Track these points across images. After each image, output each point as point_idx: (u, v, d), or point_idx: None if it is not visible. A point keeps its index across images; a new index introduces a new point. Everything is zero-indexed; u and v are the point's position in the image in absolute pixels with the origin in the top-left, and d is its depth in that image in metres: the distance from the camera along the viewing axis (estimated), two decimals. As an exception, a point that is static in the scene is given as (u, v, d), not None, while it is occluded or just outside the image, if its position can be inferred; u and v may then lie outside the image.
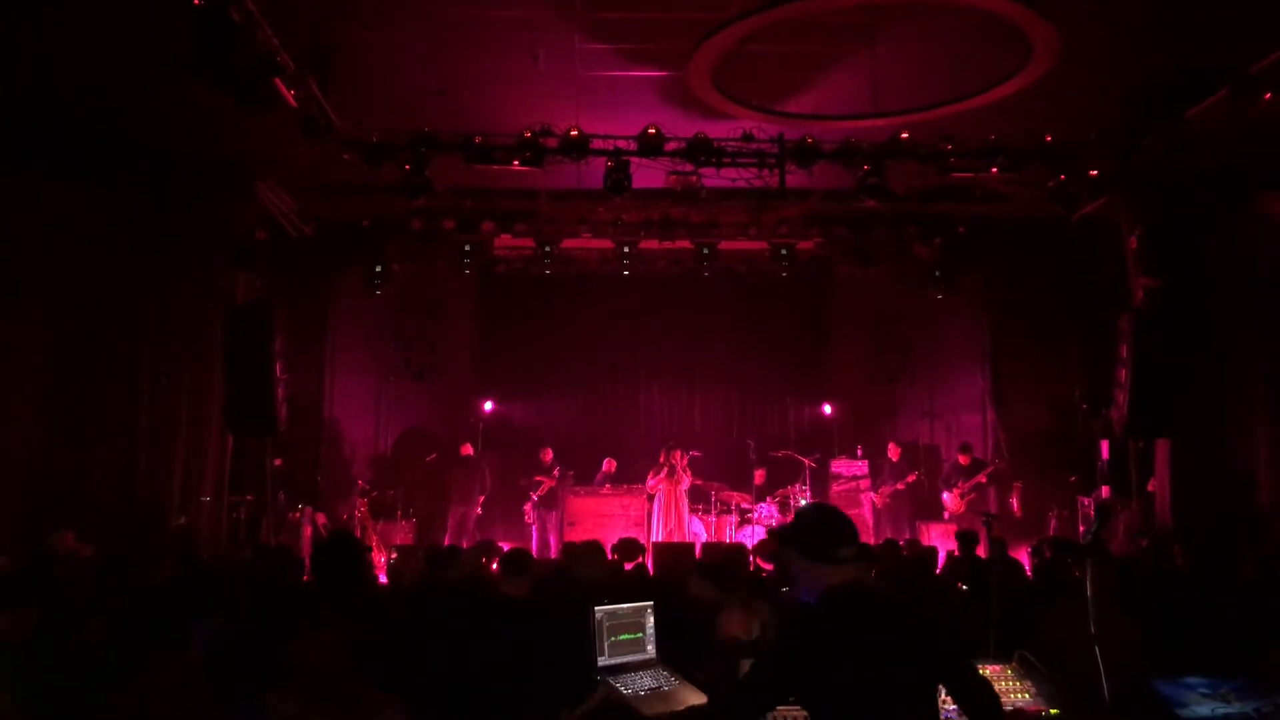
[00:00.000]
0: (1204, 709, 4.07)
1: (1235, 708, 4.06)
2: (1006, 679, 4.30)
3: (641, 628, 4.63)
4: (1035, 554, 8.90)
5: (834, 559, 3.07)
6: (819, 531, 3.14)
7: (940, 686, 3.14)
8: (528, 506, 13.32)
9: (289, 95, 7.73)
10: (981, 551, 7.98)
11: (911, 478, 13.25)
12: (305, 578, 7.03)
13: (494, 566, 7.97)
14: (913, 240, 12.78)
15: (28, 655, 4.07)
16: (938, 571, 8.32)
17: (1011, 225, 12.16)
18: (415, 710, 4.04)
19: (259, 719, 3.36)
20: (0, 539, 8.38)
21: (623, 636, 4.55)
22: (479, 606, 5.28)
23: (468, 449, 13.48)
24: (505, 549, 7.73)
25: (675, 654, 4.69)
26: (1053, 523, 11.91)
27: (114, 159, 9.70)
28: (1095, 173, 9.54)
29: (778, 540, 3.23)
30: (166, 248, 10.18)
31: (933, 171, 9.47)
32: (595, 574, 5.78)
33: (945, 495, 12.90)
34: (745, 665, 4.04)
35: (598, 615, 4.50)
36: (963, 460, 12.97)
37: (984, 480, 12.70)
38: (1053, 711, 4.11)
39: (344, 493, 13.07)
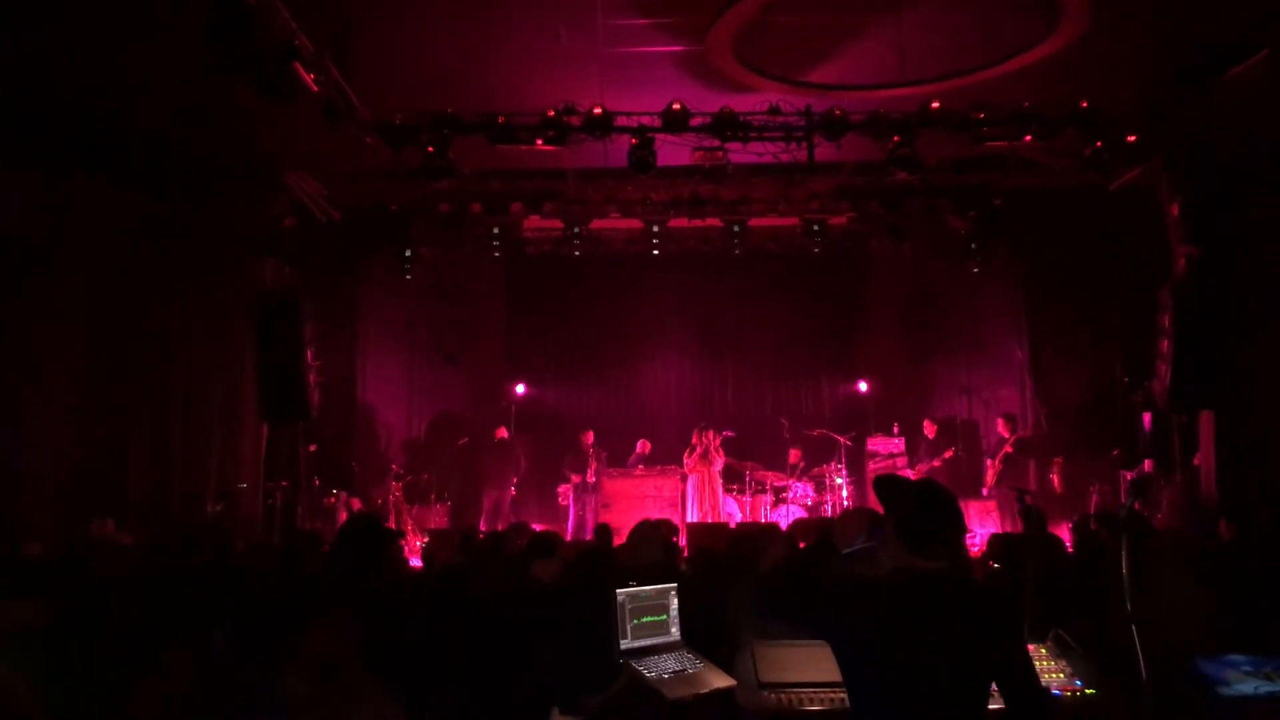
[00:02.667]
0: (1247, 686, 3.93)
1: (1279, 685, 3.91)
2: (1041, 658, 4.18)
3: (665, 610, 4.55)
4: (1076, 530, 8.70)
5: (923, 554, 3.00)
6: (922, 522, 3.04)
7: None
8: (565, 489, 13.29)
9: (309, 79, 7.69)
10: (1018, 528, 7.81)
11: (949, 454, 13.08)
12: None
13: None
14: (947, 213, 12.54)
15: (54, 643, 4.07)
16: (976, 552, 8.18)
17: (1048, 196, 11.87)
18: (434, 697, 4.00)
19: (273, 703, 3.32)
20: (37, 527, 8.46)
21: (646, 619, 4.47)
22: (511, 591, 5.23)
23: (502, 432, 13.49)
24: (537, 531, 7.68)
25: (698, 637, 4.61)
26: (1094, 498, 11.68)
27: (145, 154, 9.73)
28: (1132, 138, 9.25)
29: (884, 504, 3.16)
30: (197, 238, 10.23)
31: (965, 141, 9.26)
32: (651, 558, 5.66)
33: (988, 462, 12.76)
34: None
35: (619, 598, 4.42)
36: (1004, 431, 12.80)
37: (1010, 450, 12.51)
38: (1089, 691, 3.98)
39: (378, 477, 13.10)
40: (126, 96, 8.70)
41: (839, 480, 13.02)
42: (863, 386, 14.55)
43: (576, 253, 13.02)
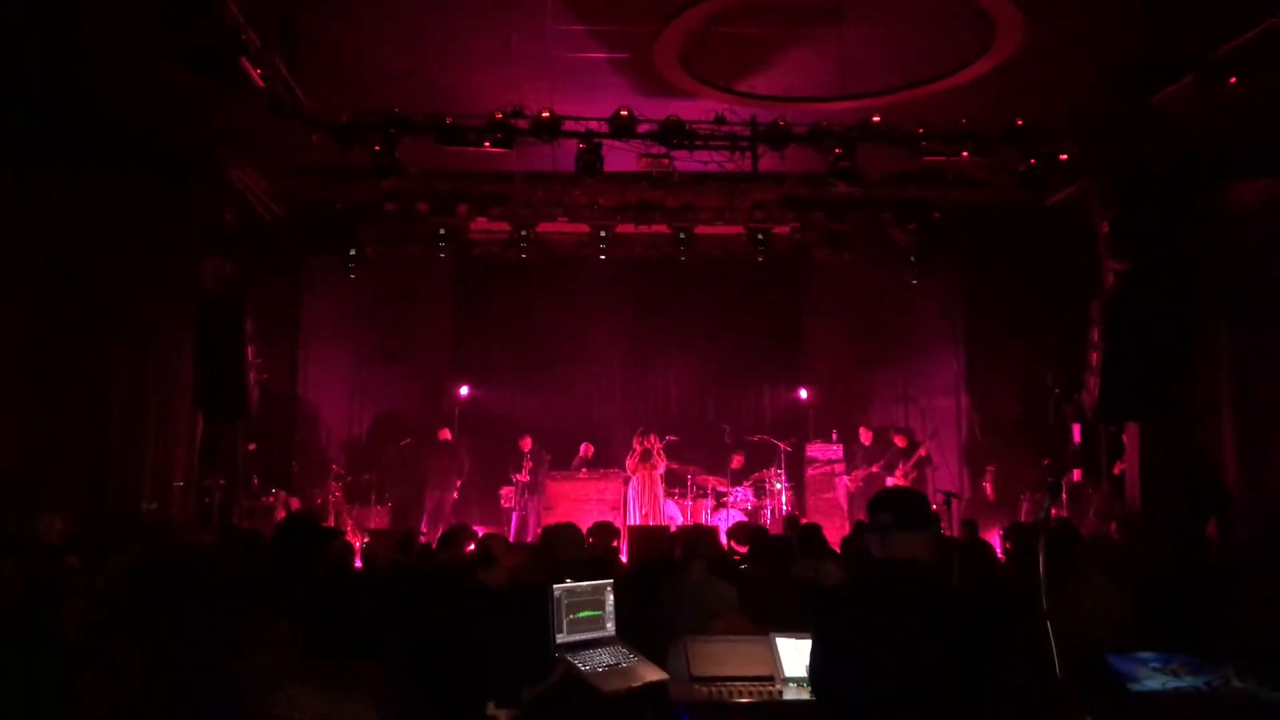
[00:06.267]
0: (1154, 683, 4.11)
1: (1186, 682, 4.10)
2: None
3: (601, 605, 4.64)
4: (1007, 536, 8.96)
5: (878, 525, 3.20)
6: (874, 503, 3.28)
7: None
8: (507, 491, 13.33)
9: (255, 74, 7.66)
10: (948, 532, 8.04)
11: (883, 462, 13.33)
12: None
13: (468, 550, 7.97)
14: (888, 225, 12.82)
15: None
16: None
17: (986, 211, 12.21)
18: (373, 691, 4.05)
19: (227, 693, 3.36)
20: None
21: (582, 614, 4.56)
22: (453, 593, 5.27)
23: (446, 433, 13.49)
24: (481, 534, 7.73)
25: (635, 631, 4.71)
26: (1024, 505, 11.99)
27: (82, 141, 9.56)
28: (1065, 156, 9.54)
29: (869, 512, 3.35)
30: (135, 229, 10.03)
31: (905, 155, 9.47)
32: (573, 554, 5.79)
33: (889, 480, 13.02)
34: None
35: (556, 593, 4.51)
36: (899, 442, 13.32)
37: (924, 454, 13.10)
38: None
39: (318, 477, 13.06)
40: (61, 78, 8.55)
41: (778, 485, 13.22)
42: (803, 394, 14.75)
43: (523, 255, 13.07)
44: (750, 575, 6.32)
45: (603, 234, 12.82)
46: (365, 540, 10.50)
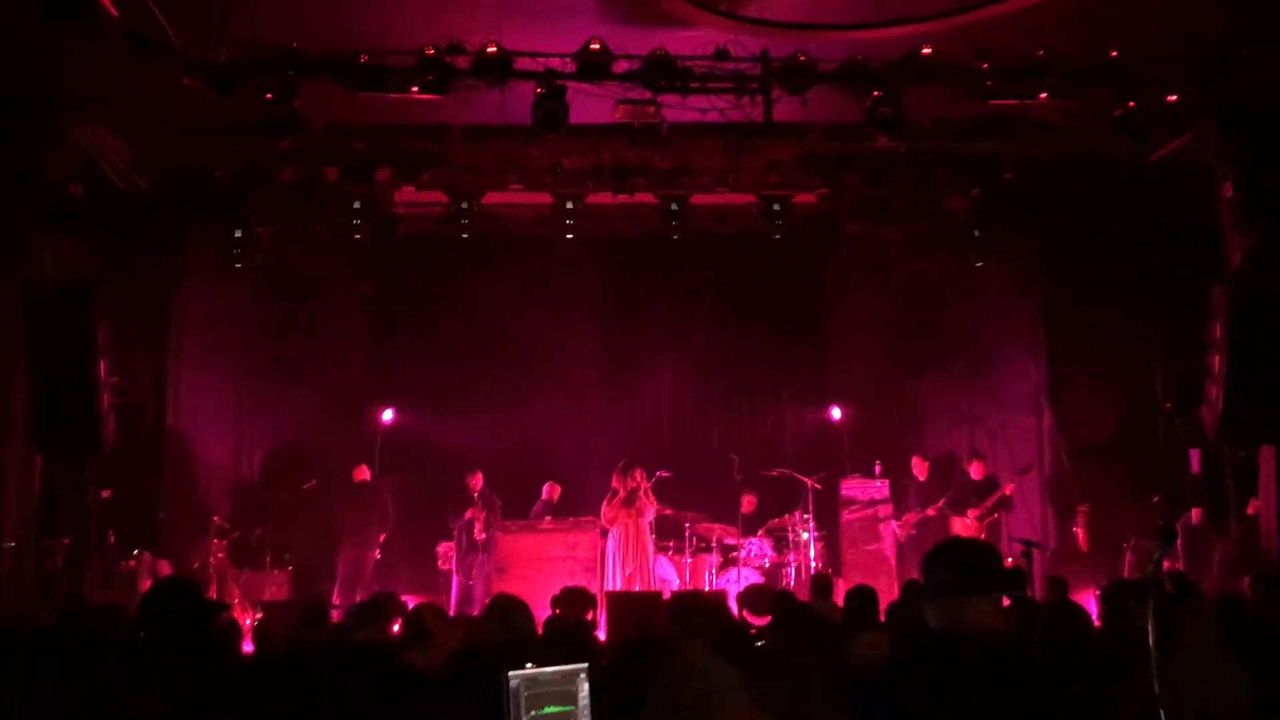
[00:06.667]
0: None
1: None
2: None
3: (573, 698, 4.61)
4: (1106, 598, 8.95)
5: (935, 588, 3.19)
6: (931, 559, 3.27)
7: None
8: (446, 548, 13.27)
9: (108, 1, 7.65)
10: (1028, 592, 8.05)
11: (943, 501, 13.31)
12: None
13: (396, 628, 7.95)
14: (943, 190, 12.85)
15: None
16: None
17: (1071, 170, 12.24)
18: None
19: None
20: None
21: (547, 710, 4.53)
22: (374, 680, 5.25)
23: (363, 472, 13.42)
24: (411, 605, 7.69)
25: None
26: (1128, 557, 12.00)
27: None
28: (1174, 97, 9.57)
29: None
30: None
31: (964, 98, 9.50)
32: (519, 634, 5.75)
33: (956, 521, 13.03)
34: None
35: (513, 682, 4.47)
36: (975, 474, 13.17)
37: (1008, 493, 12.98)
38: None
39: (195, 533, 12.97)
40: None
41: (805, 535, 13.19)
42: (835, 413, 14.72)
43: (465, 235, 13.04)
44: (771, 656, 6.28)
45: (569, 206, 12.81)
46: (258, 616, 10.44)
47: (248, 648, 9.32)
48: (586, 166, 12.33)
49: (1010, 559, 12.30)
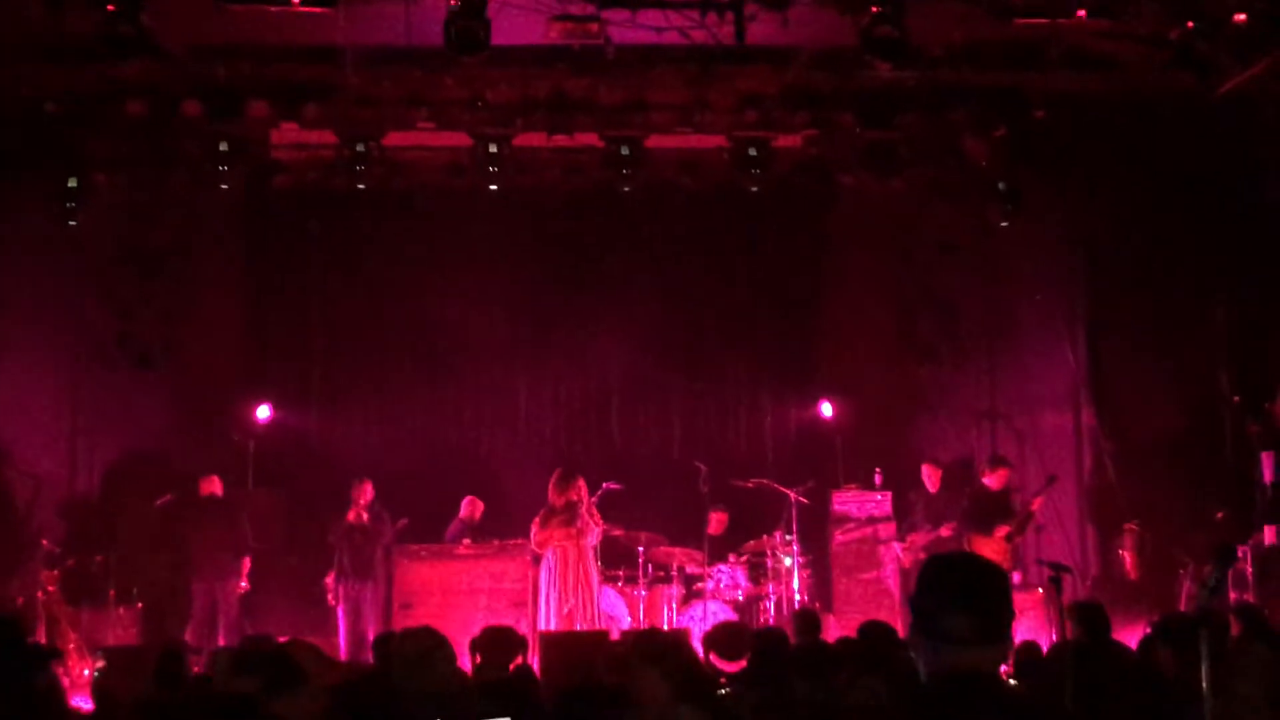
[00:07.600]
0: None
1: None
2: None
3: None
4: (1158, 636, 8.95)
5: (943, 635, 3.05)
6: (930, 589, 3.14)
7: None
8: (331, 578, 13.14)
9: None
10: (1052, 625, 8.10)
11: (959, 519, 13.29)
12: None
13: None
14: (959, 132, 12.87)
15: None
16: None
17: (1117, 109, 12.28)
18: None
19: None
20: None
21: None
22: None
23: (212, 484, 13.32)
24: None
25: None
26: (1185, 585, 12.03)
27: None
28: (1242, 16, 9.57)
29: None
30: None
31: (985, 16, 9.46)
32: (437, 686, 5.66)
33: (980, 543, 12.98)
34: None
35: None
36: (992, 485, 13.11)
37: (1032, 509, 12.97)
38: None
39: (17, 561, 12.87)
40: None
41: (787, 561, 13.19)
42: (826, 410, 14.74)
43: (360, 185, 13.03)
44: (739, 702, 6.27)
45: (493, 149, 12.80)
46: (99, 665, 10.31)
47: (85, 704, 9.22)
48: (515, 100, 12.35)
49: (1040, 588, 12.36)
